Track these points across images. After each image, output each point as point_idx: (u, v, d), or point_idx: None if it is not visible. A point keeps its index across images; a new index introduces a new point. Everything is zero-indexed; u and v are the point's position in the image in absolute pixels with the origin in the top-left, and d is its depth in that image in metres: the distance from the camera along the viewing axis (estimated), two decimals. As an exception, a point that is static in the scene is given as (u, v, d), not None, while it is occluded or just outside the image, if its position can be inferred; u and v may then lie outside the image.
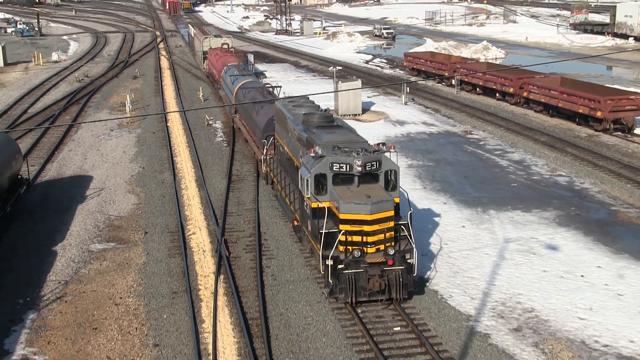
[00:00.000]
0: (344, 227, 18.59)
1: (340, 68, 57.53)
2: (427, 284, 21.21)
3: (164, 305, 20.35)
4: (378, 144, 20.91)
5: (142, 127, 44.47)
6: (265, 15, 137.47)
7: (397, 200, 19.99)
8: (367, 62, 76.90)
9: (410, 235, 19.27)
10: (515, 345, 17.71)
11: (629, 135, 39.59)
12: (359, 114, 46.75)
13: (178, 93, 57.41)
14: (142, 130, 43.67)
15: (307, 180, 19.79)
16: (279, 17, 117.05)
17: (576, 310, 19.50)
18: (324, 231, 18.84)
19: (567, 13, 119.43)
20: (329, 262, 18.21)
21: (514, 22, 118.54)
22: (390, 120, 45.47)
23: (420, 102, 51.42)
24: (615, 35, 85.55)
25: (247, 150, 36.91)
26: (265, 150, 29.65)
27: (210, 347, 17.76)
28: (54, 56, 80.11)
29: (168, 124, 44.64)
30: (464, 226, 26.27)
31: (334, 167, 19.37)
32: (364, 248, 18.45)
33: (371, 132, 40.96)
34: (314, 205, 19.69)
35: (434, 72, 60.66)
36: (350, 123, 42.76)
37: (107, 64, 75.22)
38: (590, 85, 45.95)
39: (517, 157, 36.34)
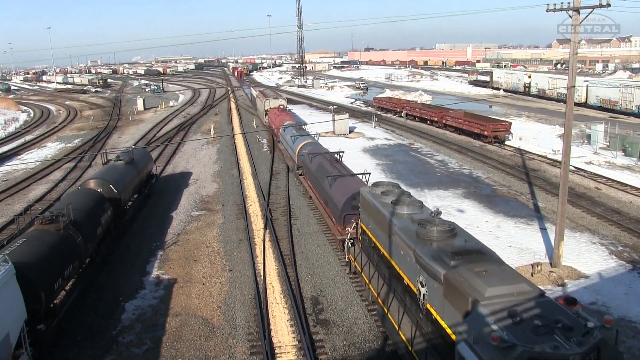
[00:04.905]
0: None
1: (335, 106, 57.36)
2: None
3: (234, 247, 20.68)
4: (563, 299, 9.05)
5: (220, 143, 44.49)
6: (291, 76, 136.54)
7: None
8: (351, 103, 76.09)
9: None
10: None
11: (502, 145, 39.61)
12: (347, 134, 46.31)
13: (241, 122, 57.23)
14: (220, 145, 43.71)
15: None
16: (300, 77, 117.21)
17: (472, 247, 19.89)
18: None
19: (466, 75, 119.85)
20: None
21: (436, 79, 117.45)
22: (365, 137, 45.08)
23: (384, 126, 51.28)
24: (493, 88, 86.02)
25: (281, 156, 36.35)
26: (348, 234, 17.08)
27: (261, 271, 18.09)
28: (171, 103, 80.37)
29: (235, 141, 44.64)
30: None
31: None
32: None
33: (355, 144, 41.06)
34: None
35: (391, 109, 60.46)
36: (341, 139, 43.37)
37: (200, 106, 74.87)
38: (480, 116, 45.89)
39: (440, 158, 36.30)
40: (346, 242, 17.25)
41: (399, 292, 12.29)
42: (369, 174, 21.25)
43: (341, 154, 25.26)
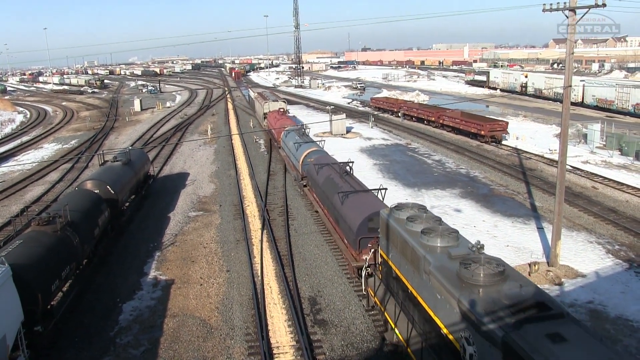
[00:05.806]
0: None
1: (332, 107, 57.23)
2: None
3: (232, 247, 20.60)
4: None
5: (217, 144, 44.35)
6: (288, 77, 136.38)
7: None
8: (348, 103, 75.91)
9: None
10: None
11: (499, 145, 39.57)
12: (344, 134, 46.20)
13: (238, 123, 57.07)
14: (218, 146, 43.58)
15: None
16: (296, 77, 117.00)
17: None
18: None
19: (462, 75, 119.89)
20: None
21: (433, 79, 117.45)
22: (363, 137, 45.04)
23: (381, 126, 51.16)
24: (489, 87, 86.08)
25: (278, 156, 36.15)
26: (366, 262, 14.65)
27: (259, 272, 18.04)
28: (168, 104, 79.83)
29: (232, 142, 44.48)
30: (407, 199, 26.02)
31: None
32: None
33: (353, 144, 40.97)
34: None
35: (389, 109, 60.33)
36: (339, 139, 43.29)
37: (197, 107, 74.67)
38: (477, 116, 45.83)
39: (437, 158, 36.26)
40: (364, 272, 14.54)
41: (431, 341, 10.10)
42: (385, 189, 19.47)
43: (351, 164, 22.61)
